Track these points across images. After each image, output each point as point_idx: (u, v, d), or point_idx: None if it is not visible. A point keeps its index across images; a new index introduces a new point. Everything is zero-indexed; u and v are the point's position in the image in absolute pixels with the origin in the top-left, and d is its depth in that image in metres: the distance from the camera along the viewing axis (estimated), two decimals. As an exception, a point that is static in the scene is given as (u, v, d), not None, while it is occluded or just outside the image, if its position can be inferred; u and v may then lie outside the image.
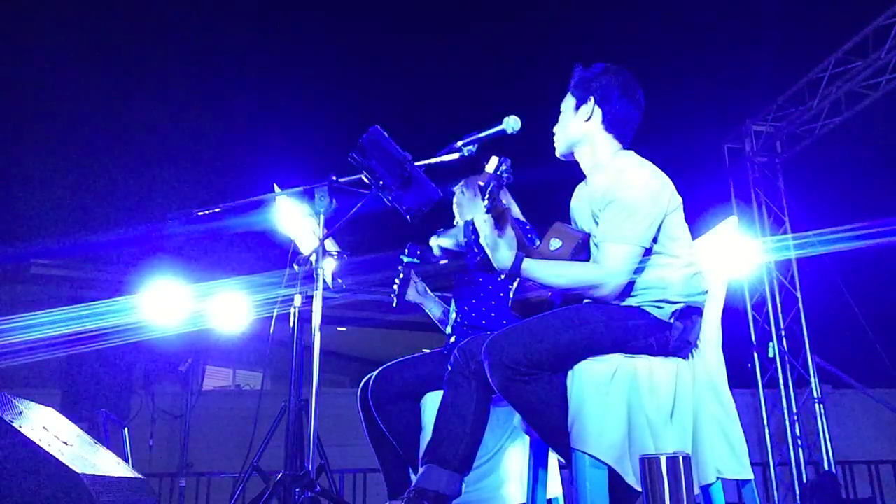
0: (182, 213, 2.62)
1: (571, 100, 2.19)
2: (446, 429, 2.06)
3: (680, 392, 1.93)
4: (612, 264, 1.93)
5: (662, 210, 1.99)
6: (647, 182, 2.00)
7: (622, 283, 1.95)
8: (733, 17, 7.42)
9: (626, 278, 1.95)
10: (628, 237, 1.94)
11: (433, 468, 2.01)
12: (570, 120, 2.19)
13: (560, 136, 2.22)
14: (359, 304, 8.45)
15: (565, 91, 2.24)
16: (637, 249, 1.94)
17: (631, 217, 1.94)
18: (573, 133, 2.18)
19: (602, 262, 1.96)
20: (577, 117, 2.16)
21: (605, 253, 1.96)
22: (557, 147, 2.24)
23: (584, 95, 2.16)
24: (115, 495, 1.92)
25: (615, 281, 1.94)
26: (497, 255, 1.99)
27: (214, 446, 6.39)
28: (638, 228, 1.94)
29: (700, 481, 1.91)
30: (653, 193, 1.98)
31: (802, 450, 6.99)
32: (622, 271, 1.93)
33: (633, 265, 1.94)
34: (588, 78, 2.17)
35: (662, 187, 2.02)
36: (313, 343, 2.39)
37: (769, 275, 7.38)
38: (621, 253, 1.93)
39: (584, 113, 2.15)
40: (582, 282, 1.97)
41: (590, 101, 2.14)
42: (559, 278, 1.99)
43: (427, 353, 2.70)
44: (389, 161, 2.25)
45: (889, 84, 6.17)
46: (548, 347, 1.88)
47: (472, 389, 2.06)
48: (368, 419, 2.63)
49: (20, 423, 1.82)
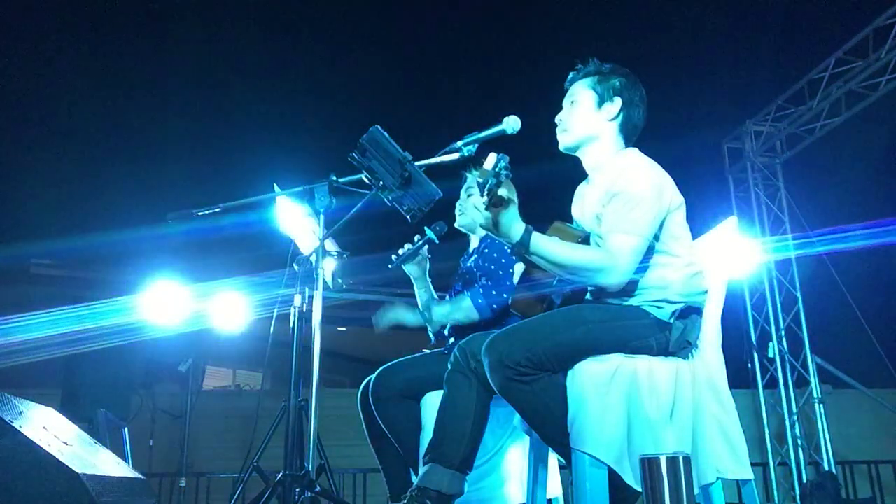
0: (182, 213, 2.62)
1: (591, 94, 2.15)
2: (448, 427, 2.06)
3: (680, 392, 1.93)
4: (619, 254, 1.91)
5: (666, 205, 1.99)
6: (651, 177, 2.00)
7: (627, 273, 1.92)
8: (733, 17, 7.42)
9: (631, 269, 1.93)
10: (634, 228, 1.92)
11: (436, 467, 2.01)
12: (588, 114, 2.14)
13: (574, 128, 2.16)
14: (359, 304, 8.45)
15: (562, 81, 2.22)
16: (642, 241, 1.93)
17: (636, 209, 1.93)
18: (591, 128, 2.14)
19: (608, 250, 1.94)
20: (599, 114, 2.14)
21: (612, 243, 1.94)
22: (566, 138, 2.18)
23: (610, 95, 2.13)
24: (115, 495, 1.92)
25: (621, 269, 1.91)
26: (504, 227, 1.90)
27: (214, 446, 6.39)
28: (643, 220, 1.93)
29: (700, 481, 1.91)
30: (657, 188, 1.98)
31: (802, 450, 6.99)
32: (628, 261, 1.91)
33: (638, 257, 1.93)
34: (613, 78, 2.14)
35: (665, 184, 2.02)
36: (313, 343, 2.39)
37: (769, 275, 7.38)
38: (628, 243, 1.92)
39: (608, 112, 2.13)
40: (589, 264, 1.93)
41: (616, 101, 2.13)
42: (566, 259, 1.94)
43: (427, 353, 2.70)
44: (389, 161, 2.25)
45: (889, 84, 6.16)
46: (548, 347, 1.88)
47: (473, 388, 2.06)
48: (368, 419, 2.63)
49: (20, 423, 1.82)
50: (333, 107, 7.40)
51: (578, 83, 2.19)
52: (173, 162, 7.84)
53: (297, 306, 2.56)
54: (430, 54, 7.62)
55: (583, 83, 2.18)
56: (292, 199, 2.58)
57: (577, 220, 2.27)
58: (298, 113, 7.72)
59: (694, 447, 1.92)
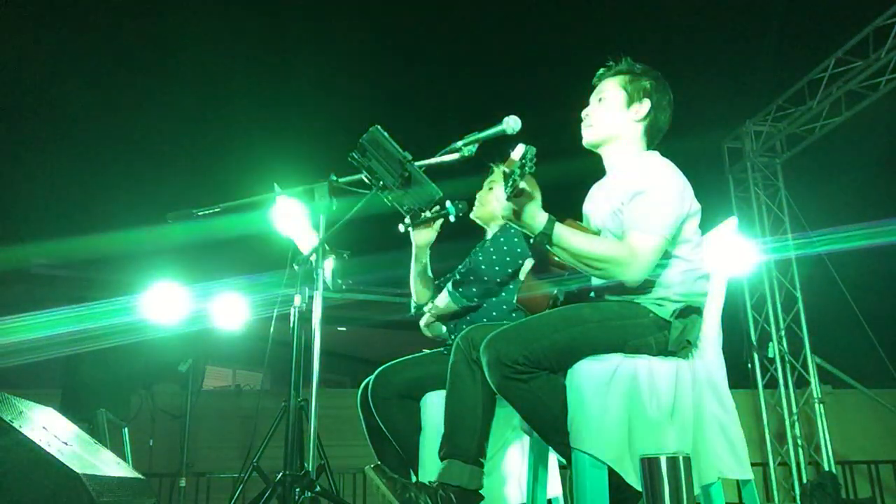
0: (182, 212, 2.62)
1: (621, 93, 2.15)
2: (458, 420, 2.06)
3: (680, 392, 1.93)
4: (640, 251, 1.91)
5: (686, 210, 2.00)
6: (676, 180, 2.01)
7: (645, 271, 1.92)
8: (733, 17, 7.42)
9: (650, 267, 1.93)
10: (657, 229, 1.93)
11: (454, 463, 2.01)
12: (616, 112, 2.14)
13: (600, 125, 2.16)
14: (359, 304, 8.46)
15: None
16: (663, 242, 1.94)
17: (660, 209, 1.94)
18: (617, 127, 2.14)
19: (628, 245, 1.94)
20: (627, 113, 2.14)
21: (634, 240, 1.93)
22: (591, 134, 2.18)
23: (640, 96, 2.14)
24: (115, 495, 1.92)
25: (640, 266, 1.91)
26: (527, 217, 1.88)
27: (214, 446, 6.39)
28: (666, 222, 1.94)
29: (700, 481, 1.91)
30: (679, 192, 1.99)
31: (802, 450, 6.99)
32: (648, 259, 1.92)
33: (657, 256, 1.93)
34: (644, 80, 2.15)
35: (686, 188, 2.03)
36: (313, 343, 2.39)
37: (769, 275, 7.38)
38: (650, 242, 1.92)
39: (637, 112, 2.13)
40: (609, 258, 1.92)
41: (644, 102, 2.13)
42: (588, 251, 1.92)
43: (427, 353, 2.70)
44: (389, 161, 2.25)
45: (889, 84, 6.16)
46: (546, 346, 1.88)
47: (478, 379, 2.04)
48: (368, 419, 2.63)
49: (20, 423, 1.82)
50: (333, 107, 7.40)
51: (609, 80, 2.19)
52: (173, 162, 7.84)
53: (297, 306, 2.55)
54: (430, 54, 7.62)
55: (613, 81, 2.18)
56: (292, 198, 2.59)
57: (589, 219, 2.26)
58: (298, 113, 7.72)
59: (694, 447, 1.92)
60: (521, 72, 7.67)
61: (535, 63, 7.62)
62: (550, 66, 7.13)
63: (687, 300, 2.01)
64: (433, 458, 2.16)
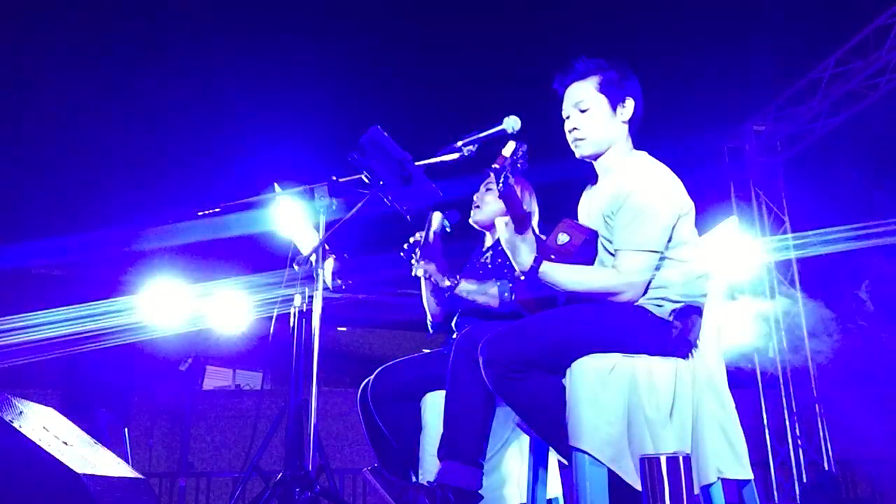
0: (182, 212, 2.62)
1: (602, 99, 2.09)
2: (458, 420, 2.07)
3: (679, 391, 1.93)
4: (631, 273, 1.94)
5: (676, 214, 1.99)
6: (660, 186, 2.00)
7: (641, 289, 1.96)
8: (733, 16, 7.41)
9: (645, 284, 1.96)
10: (645, 244, 1.94)
11: (453, 464, 2.02)
12: (606, 120, 2.09)
13: (594, 137, 2.10)
14: (359, 304, 8.46)
15: (557, 85, 2.18)
16: (654, 256, 1.95)
17: (646, 223, 1.94)
18: (612, 134, 2.10)
19: (620, 270, 1.96)
20: (616, 118, 2.10)
21: (623, 261, 1.95)
22: (587, 148, 2.12)
23: (620, 94, 2.10)
24: (115, 495, 1.92)
25: (635, 287, 1.95)
26: (518, 257, 2.00)
27: (214, 446, 6.39)
28: (654, 235, 1.95)
29: (700, 481, 1.91)
30: (666, 197, 1.98)
31: (802, 450, 6.99)
32: (642, 279, 1.95)
33: (650, 271, 1.96)
34: (618, 77, 2.10)
35: (675, 190, 2.02)
36: (313, 343, 2.39)
37: (769, 275, 7.38)
38: (640, 261, 1.94)
39: (623, 114, 2.10)
40: (601, 288, 1.97)
41: (628, 101, 2.10)
42: (578, 284, 1.99)
43: (427, 353, 2.70)
44: (389, 161, 2.25)
45: (889, 84, 6.16)
46: (542, 345, 1.89)
47: (479, 378, 2.04)
48: (368, 419, 2.62)
49: (20, 423, 1.82)
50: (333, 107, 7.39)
51: (579, 85, 2.12)
52: (173, 162, 7.84)
53: (297, 306, 2.56)
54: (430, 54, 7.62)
55: (585, 85, 2.11)
56: (292, 198, 2.59)
57: (585, 220, 2.26)
58: (298, 112, 7.72)
59: (694, 447, 1.92)
60: (521, 72, 7.67)
61: (535, 62, 7.62)
62: (550, 67, 7.11)
63: (686, 300, 2.01)
64: (433, 459, 2.16)
